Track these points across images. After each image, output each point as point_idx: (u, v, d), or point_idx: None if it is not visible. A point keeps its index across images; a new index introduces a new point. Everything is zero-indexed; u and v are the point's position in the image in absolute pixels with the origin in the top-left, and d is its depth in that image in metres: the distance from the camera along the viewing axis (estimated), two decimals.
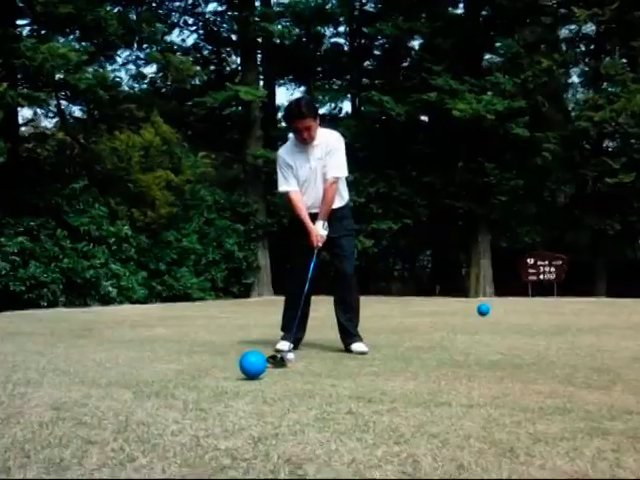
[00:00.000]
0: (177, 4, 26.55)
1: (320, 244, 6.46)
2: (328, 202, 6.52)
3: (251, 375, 4.92)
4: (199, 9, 26.80)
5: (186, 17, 26.93)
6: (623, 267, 28.48)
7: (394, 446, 3.13)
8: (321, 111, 27.01)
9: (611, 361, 5.89)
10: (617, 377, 5.04)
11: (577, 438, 3.26)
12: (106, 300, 18.08)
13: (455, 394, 4.34)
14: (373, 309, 13.01)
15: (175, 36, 32.91)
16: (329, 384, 4.72)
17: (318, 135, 6.55)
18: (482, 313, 11.43)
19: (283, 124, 29.36)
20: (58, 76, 18.49)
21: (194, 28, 27.22)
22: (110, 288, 18.30)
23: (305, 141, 6.49)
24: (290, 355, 5.85)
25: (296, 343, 6.58)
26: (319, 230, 6.46)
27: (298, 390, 4.50)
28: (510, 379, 4.94)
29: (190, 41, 28.48)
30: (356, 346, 6.50)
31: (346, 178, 6.79)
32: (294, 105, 6.60)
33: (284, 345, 6.45)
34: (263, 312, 13.47)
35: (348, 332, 6.64)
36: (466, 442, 3.19)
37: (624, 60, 25.75)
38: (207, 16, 27.01)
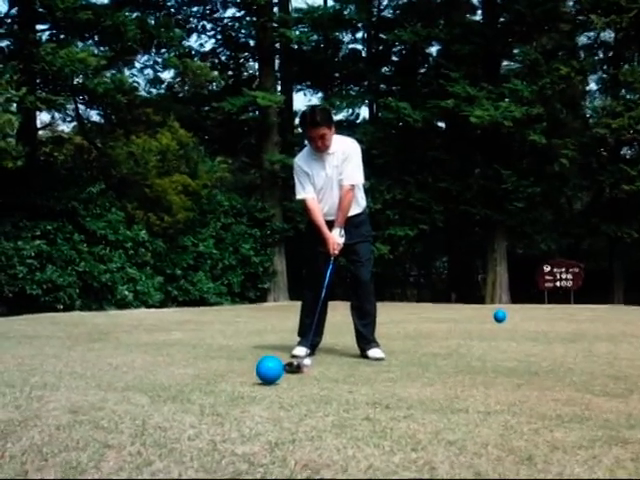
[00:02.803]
0: (195, 9, 26.65)
1: (337, 252, 6.46)
2: (344, 209, 6.51)
3: (268, 380, 4.92)
4: (217, 14, 26.90)
5: (204, 22, 27.04)
6: None
7: (411, 453, 3.12)
8: (338, 117, 27.05)
9: (629, 369, 5.85)
10: (635, 385, 5.01)
11: (595, 447, 3.24)
12: (122, 304, 18.13)
13: (472, 401, 4.33)
14: (389, 315, 12.98)
15: (193, 41, 33.10)
16: (346, 390, 4.72)
17: (334, 143, 6.54)
18: (498, 320, 11.39)
19: (300, 130, 29.42)
20: (77, 80, 18.60)
21: (212, 33, 27.33)
22: (126, 292, 18.36)
23: (319, 149, 6.48)
24: (307, 361, 5.85)
25: (313, 348, 6.57)
26: (336, 238, 6.46)
27: (315, 396, 4.50)
28: (527, 386, 4.93)
29: (208, 46, 28.49)
30: (372, 352, 6.49)
31: (363, 185, 6.79)
32: (309, 113, 6.61)
33: (301, 351, 6.45)
34: (279, 317, 13.46)
35: (364, 338, 6.63)
36: (484, 449, 3.18)
37: None
38: (225, 21, 27.10)
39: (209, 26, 27.17)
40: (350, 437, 3.39)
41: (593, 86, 29.35)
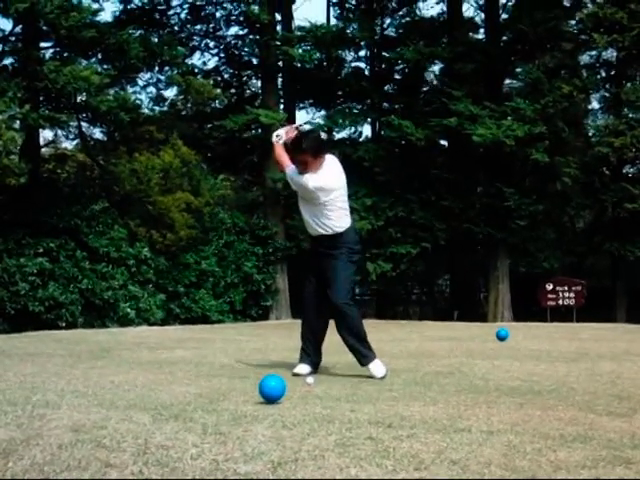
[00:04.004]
0: (199, 27, 26.74)
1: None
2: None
3: (270, 399, 4.91)
4: (220, 32, 26.96)
5: (207, 40, 27.11)
6: None
7: (414, 472, 3.12)
8: (341, 135, 27.10)
9: (632, 388, 5.84)
10: (638, 404, 5.01)
11: (599, 466, 3.24)
12: (124, 322, 18.10)
13: (475, 420, 4.32)
14: (391, 333, 12.97)
15: (196, 59, 33.29)
16: (348, 409, 4.71)
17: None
18: (501, 338, 11.37)
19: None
20: (80, 98, 18.67)
21: (215, 51, 27.39)
22: (128, 310, 18.33)
23: (301, 172, 6.67)
24: (309, 379, 5.84)
25: (314, 367, 6.57)
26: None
27: (317, 415, 4.49)
28: (530, 405, 4.92)
29: (211, 64, 28.49)
30: (372, 366, 6.46)
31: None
32: (300, 135, 6.72)
33: (303, 369, 6.44)
34: (281, 335, 13.45)
35: (358, 354, 6.61)
36: (487, 469, 3.17)
37: None
38: (228, 39, 27.16)
39: (212, 44, 27.26)
40: (353, 456, 3.38)
41: (595, 105, 29.46)
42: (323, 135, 7.13)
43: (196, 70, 25.99)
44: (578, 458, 3.38)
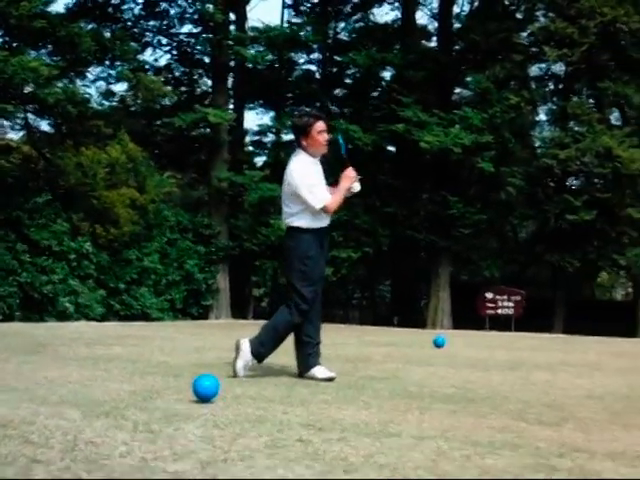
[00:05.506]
0: (152, 24, 26.54)
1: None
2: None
3: (204, 398, 4.90)
4: (174, 30, 26.81)
5: (160, 37, 26.94)
6: (581, 304, 28.77)
7: (343, 475, 3.13)
8: (289, 137, 27.12)
9: (564, 398, 5.92)
10: (569, 414, 5.07)
11: (524, 474, 3.28)
12: (63, 316, 17.90)
13: (406, 425, 4.35)
14: (330, 337, 12.93)
15: (148, 55, 32.81)
16: (281, 411, 4.72)
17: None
18: (438, 345, 11.48)
19: (250, 148, 29.44)
20: (27, 89, 18.41)
21: (167, 48, 27.23)
22: (68, 304, 18.14)
23: (326, 146, 7.13)
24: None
25: (259, 357, 6.48)
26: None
27: (250, 415, 4.49)
28: (462, 413, 4.96)
29: (163, 61, 28.27)
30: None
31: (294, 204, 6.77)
32: (312, 110, 6.92)
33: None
34: (219, 335, 13.41)
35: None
36: (414, 473, 3.20)
37: (591, 101, 26.20)
38: (181, 37, 27.04)
39: (165, 41, 27.10)
40: (282, 458, 3.38)
41: (543, 117, 29.88)
42: None
43: (147, 67, 25.86)
44: (504, 465, 3.42)
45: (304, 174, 6.71)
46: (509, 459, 3.55)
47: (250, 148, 29.61)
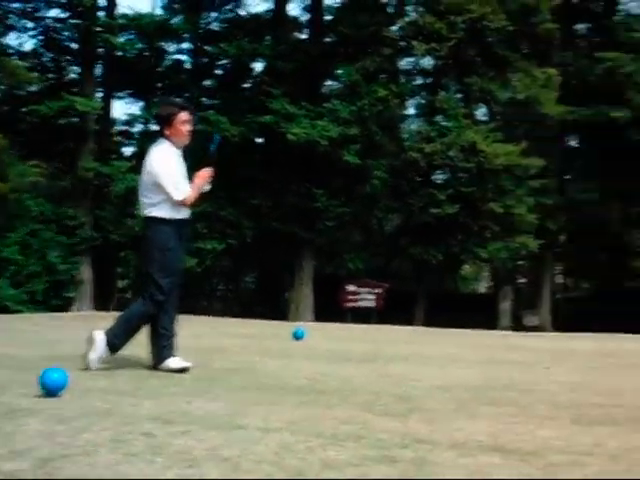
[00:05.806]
0: (16, 6, 25.60)
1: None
2: None
3: (51, 392, 4.81)
4: (40, 13, 25.93)
5: (26, 21, 25.99)
6: (444, 297, 29.46)
7: (186, 469, 3.13)
8: (157, 127, 26.75)
9: (414, 390, 5.98)
10: (416, 406, 5.13)
11: (365, 465, 3.34)
12: None
13: (253, 418, 4.38)
14: (189, 328, 12.83)
15: (12, 39, 31.75)
16: (129, 403, 4.68)
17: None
18: (297, 337, 11.56)
19: (118, 138, 28.90)
20: None
21: (34, 33, 26.30)
22: None
23: (189, 137, 7.13)
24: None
25: (113, 348, 6.41)
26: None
27: (97, 409, 4.44)
28: (311, 404, 5.02)
29: (29, 46, 27.40)
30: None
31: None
32: (178, 101, 6.85)
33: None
34: (78, 327, 13.06)
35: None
36: (257, 466, 3.23)
37: (458, 95, 26.83)
38: (48, 22, 26.16)
39: (30, 25, 26.14)
40: (125, 452, 3.37)
41: (412, 110, 30.37)
42: None
43: (11, 51, 25.00)
44: (346, 457, 3.48)
45: (166, 164, 6.66)
46: (352, 450, 3.61)
47: (118, 138, 29.08)
